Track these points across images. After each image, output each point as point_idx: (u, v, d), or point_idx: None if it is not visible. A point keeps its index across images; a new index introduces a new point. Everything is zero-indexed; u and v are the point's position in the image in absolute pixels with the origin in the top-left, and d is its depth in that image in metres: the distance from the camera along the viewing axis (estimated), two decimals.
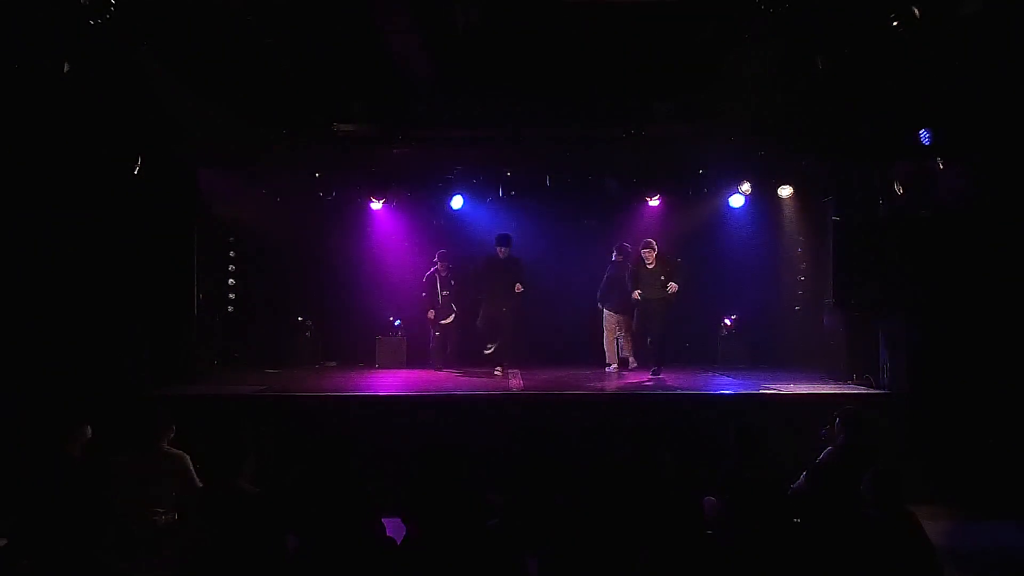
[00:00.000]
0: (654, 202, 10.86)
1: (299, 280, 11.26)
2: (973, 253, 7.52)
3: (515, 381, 9.06)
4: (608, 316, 10.14)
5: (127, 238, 7.89)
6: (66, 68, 6.03)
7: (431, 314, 10.13)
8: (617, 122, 8.48)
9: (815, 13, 6.23)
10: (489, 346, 9.76)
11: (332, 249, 11.28)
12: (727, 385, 8.84)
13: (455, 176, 10.48)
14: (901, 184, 7.84)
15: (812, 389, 8.23)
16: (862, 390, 8.10)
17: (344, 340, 11.32)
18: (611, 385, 8.90)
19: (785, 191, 10.41)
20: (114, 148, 7.58)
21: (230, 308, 10.80)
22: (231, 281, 10.89)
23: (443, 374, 9.84)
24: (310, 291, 11.23)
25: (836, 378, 8.88)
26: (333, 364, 11.02)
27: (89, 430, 5.38)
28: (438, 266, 10.19)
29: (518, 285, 9.40)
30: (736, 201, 10.61)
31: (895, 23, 5.89)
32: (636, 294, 9.30)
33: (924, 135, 7.27)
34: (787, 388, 8.21)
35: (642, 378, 9.24)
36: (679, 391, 8.40)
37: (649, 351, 9.57)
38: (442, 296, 10.16)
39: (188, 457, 5.37)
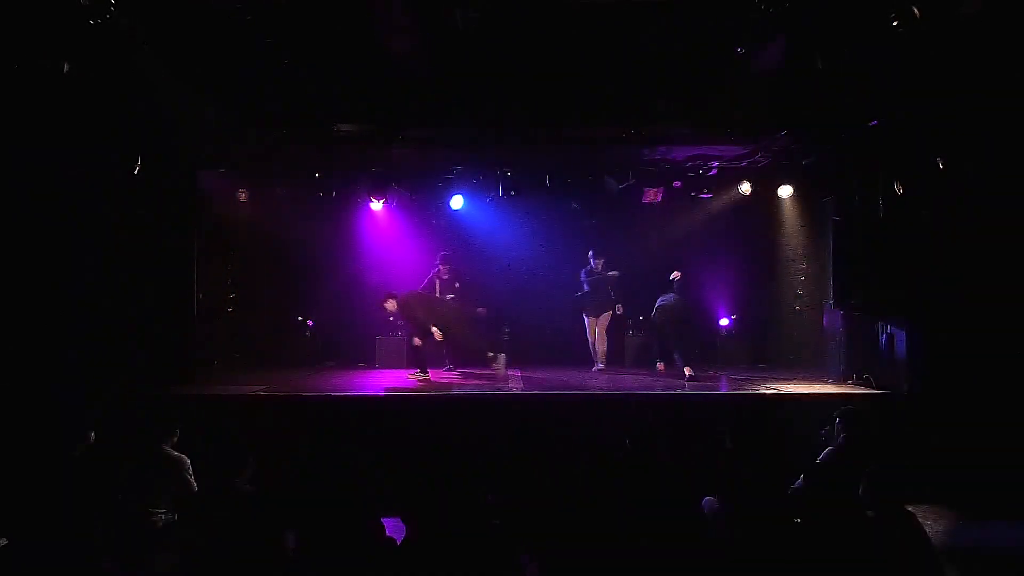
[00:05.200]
0: (654, 201, 10.85)
1: (299, 280, 11.25)
2: (973, 253, 7.52)
3: (515, 381, 9.05)
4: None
5: (127, 238, 7.89)
6: (66, 68, 6.02)
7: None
8: (617, 122, 8.48)
9: (815, 12, 6.23)
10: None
11: (332, 249, 11.28)
12: (727, 385, 8.84)
13: (455, 176, 10.47)
14: (901, 184, 7.84)
15: (812, 389, 8.23)
16: (862, 390, 8.10)
17: (344, 340, 11.32)
18: (611, 385, 8.90)
19: (785, 191, 10.40)
20: (114, 148, 7.58)
21: (230, 308, 10.81)
22: (231, 281, 10.90)
23: (442, 374, 9.82)
24: (310, 291, 11.23)
25: (836, 378, 8.89)
26: (333, 364, 11.01)
27: (91, 433, 5.38)
28: (439, 268, 10.14)
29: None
30: (737, 201, 10.61)
31: (895, 23, 5.88)
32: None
33: (923, 135, 7.27)
34: (787, 388, 8.21)
35: (640, 378, 9.25)
36: (679, 391, 8.40)
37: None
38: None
39: (187, 459, 5.37)
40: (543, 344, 10.90)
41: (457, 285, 10.13)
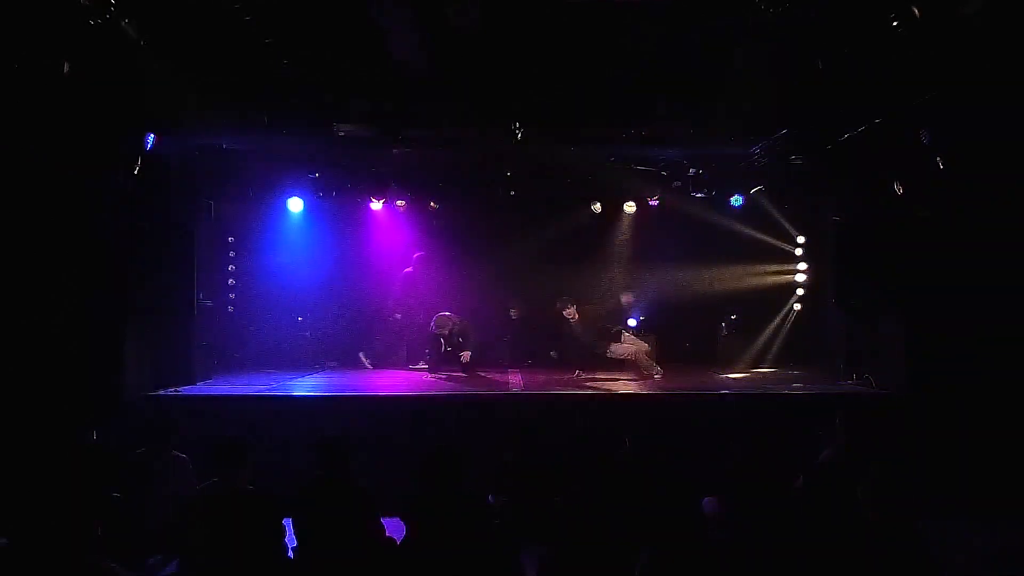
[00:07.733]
0: (654, 202, 10.87)
1: (299, 280, 11.24)
2: (973, 253, 7.52)
3: (515, 381, 9.05)
4: None
5: (127, 238, 7.89)
6: (66, 68, 6.02)
7: (398, 316, 10.04)
8: (617, 122, 8.47)
9: (815, 13, 6.23)
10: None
11: (332, 249, 11.26)
12: (727, 385, 8.84)
13: (454, 175, 10.47)
14: (901, 184, 7.84)
15: (812, 389, 8.23)
16: (862, 390, 8.11)
17: (344, 340, 11.31)
18: (611, 386, 8.90)
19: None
20: (115, 148, 7.58)
21: (230, 308, 10.80)
22: (231, 281, 10.89)
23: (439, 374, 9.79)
24: (310, 291, 11.21)
25: (836, 378, 8.89)
26: (333, 364, 11.00)
27: (92, 432, 5.39)
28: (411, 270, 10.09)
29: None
30: (736, 201, 10.62)
31: (895, 23, 5.88)
32: None
33: (924, 135, 7.27)
34: (787, 388, 8.21)
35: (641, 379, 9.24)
36: (679, 391, 8.40)
37: None
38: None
39: (188, 458, 5.37)
40: (543, 344, 10.88)
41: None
